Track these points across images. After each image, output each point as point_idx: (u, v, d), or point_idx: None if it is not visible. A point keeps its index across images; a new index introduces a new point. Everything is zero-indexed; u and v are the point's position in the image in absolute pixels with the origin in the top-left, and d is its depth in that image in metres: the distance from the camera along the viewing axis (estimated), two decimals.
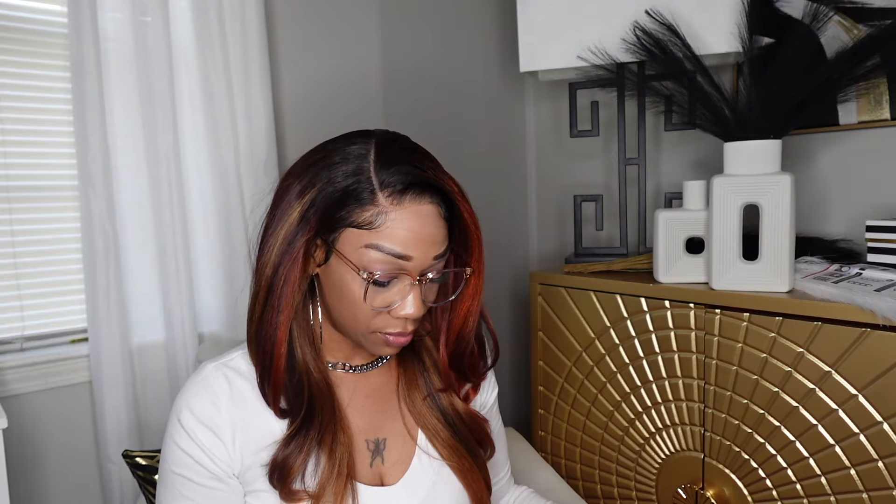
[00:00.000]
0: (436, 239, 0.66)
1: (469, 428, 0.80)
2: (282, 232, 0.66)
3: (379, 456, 0.76)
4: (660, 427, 1.23)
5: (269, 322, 0.68)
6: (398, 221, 0.64)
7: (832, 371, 0.97)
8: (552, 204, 1.96)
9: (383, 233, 0.64)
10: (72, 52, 1.17)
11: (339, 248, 0.66)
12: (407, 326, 0.69)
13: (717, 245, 1.11)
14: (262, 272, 0.68)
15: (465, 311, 0.75)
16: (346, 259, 0.65)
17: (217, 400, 0.70)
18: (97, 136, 1.19)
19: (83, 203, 1.19)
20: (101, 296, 1.21)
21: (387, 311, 0.67)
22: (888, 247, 1.09)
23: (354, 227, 0.64)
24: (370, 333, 0.69)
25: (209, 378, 0.71)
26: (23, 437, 1.20)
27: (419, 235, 0.65)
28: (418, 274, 0.66)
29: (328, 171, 0.65)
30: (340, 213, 0.64)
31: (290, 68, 1.50)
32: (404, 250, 0.64)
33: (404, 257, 0.64)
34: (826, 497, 1.00)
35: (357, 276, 0.65)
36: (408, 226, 0.64)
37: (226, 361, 0.73)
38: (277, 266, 0.66)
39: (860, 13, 1.21)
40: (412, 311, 0.67)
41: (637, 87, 1.36)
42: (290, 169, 0.70)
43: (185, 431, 0.69)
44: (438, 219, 0.67)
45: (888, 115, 1.21)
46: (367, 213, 0.64)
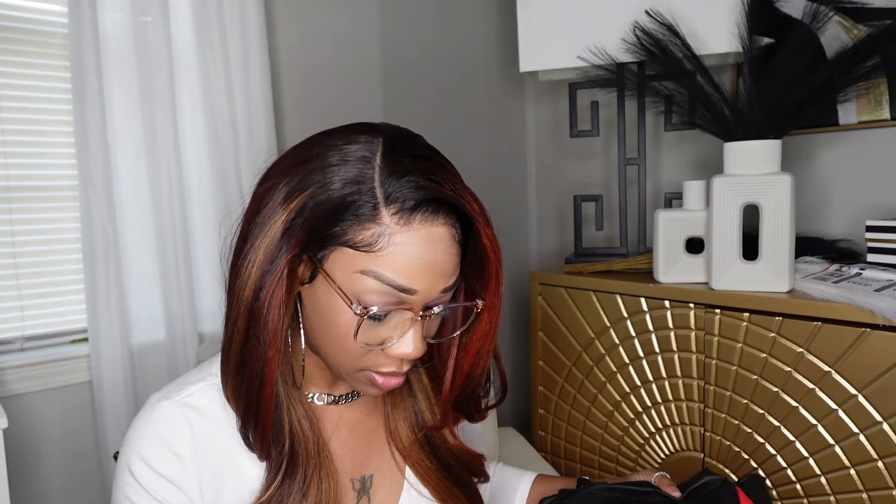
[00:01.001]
0: (446, 269, 0.55)
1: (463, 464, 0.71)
2: (262, 245, 0.54)
3: (365, 495, 0.67)
4: (660, 427, 1.23)
5: (255, 357, 0.55)
6: (404, 246, 0.52)
7: (832, 371, 0.97)
8: (552, 204, 1.96)
9: (384, 258, 0.52)
10: (72, 52, 1.17)
11: (327, 270, 0.54)
12: (402, 367, 0.58)
13: (716, 245, 1.11)
14: (239, 294, 0.55)
15: (476, 350, 0.63)
16: (335, 285, 0.53)
17: (178, 449, 0.59)
18: (97, 136, 1.19)
19: (83, 203, 1.19)
20: (101, 296, 1.21)
21: (380, 348, 0.56)
22: (888, 247, 1.09)
23: (349, 247, 0.52)
24: (357, 372, 0.58)
25: (165, 421, 0.59)
26: (23, 437, 1.20)
27: (427, 265, 0.53)
28: (421, 309, 0.55)
29: (322, 174, 0.53)
30: (334, 228, 0.52)
31: (290, 68, 1.50)
32: (408, 283, 0.53)
33: (408, 290, 0.53)
34: (826, 497, 1.00)
35: (347, 308, 0.54)
36: (415, 252, 0.52)
37: (183, 399, 0.61)
38: (259, 289, 0.54)
39: (860, 13, 1.21)
40: (411, 351, 0.55)
41: (637, 87, 1.36)
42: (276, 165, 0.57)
43: (138, 484, 0.58)
44: (452, 244, 0.55)
45: (888, 115, 1.21)
46: (368, 233, 0.52)
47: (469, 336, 0.62)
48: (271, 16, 1.45)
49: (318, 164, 0.54)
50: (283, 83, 1.48)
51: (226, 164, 1.34)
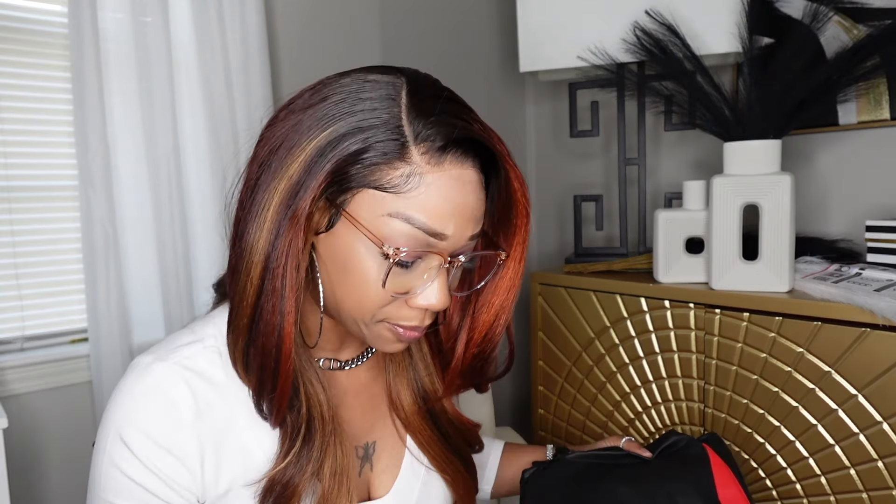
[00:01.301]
0: (475, 213, 0.53)
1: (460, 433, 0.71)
2: (278, 188, 0.50)
3: (368, 462, 0.66)
4: (660, 427, 1.23)
5: (271, 312, 0.51)
6: (435, 187, 0.50)
7: (832, 371, 0.97)
8: (552, 204, 1.96)
9: (415, 200, 0.49)
10: (72, 52, 1.17)
11: (351, 213, 0.51)
12: (424, 319, 0.55)
13: (716, 245, 1.11)
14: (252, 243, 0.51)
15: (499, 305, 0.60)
16: (362, 227, 0.50)
17: (179, 415, 0.54)
18: (97, 136, 1.19)
19: (83, 203, 1.19)
20: (101, 296, 1.21)
21: (403, 300, 0.53)
22: (888, 247, 1.09)
23: (375, 189, 0.49)
24: (375, 323, 0.55)
25: (163, 385, 0.54)
26: (23, 437, 1.20)
27: (458, 208, 0.51)
28: (449, 255, 0.53)
29: (344, 112, 0.50)
30: (358, 167, 0.49)
31: (290, 68, 1.50)
32: (440, 226, 0.50)
33: (438, 235, 0.51)
34: (826, 497, 1.00)
35: (375, 251, 0.51)
36: (446, 194, 0.50)
37: (181, 360, 0.55)
38: (276, 236, 0.50)
39: (860, 13, 1.21)
40: (436, 302, 0.53)
41: (637, 87, 1.36)
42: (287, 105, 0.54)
43: (133, 456, 0.53)
44: (480, 188, 0.53)
45: (888, 115, 1.21)
46: (396, 173, 0.49)
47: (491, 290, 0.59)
48: (271, 16, 1.45)
49: (337, 102, 0.51)
50: (283, 84, 1.48)
51: (226, 164, 1.34)
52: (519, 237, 0.58)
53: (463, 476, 0.70)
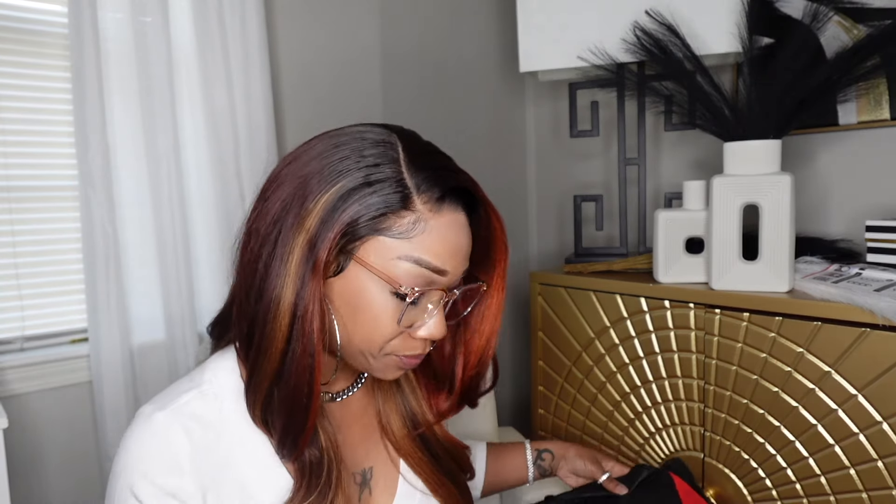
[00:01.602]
0: (467, 251, 0.60)
1: (451, 456, 0.74)
2: (298, 239, 0.54)
3: (367, 487, 0.69)
4: (659, 427, 1.23)
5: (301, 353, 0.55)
6: (436, 231, 0.56)
7: (832, 371, 0.97)
8: (552, 204, 1.96)
9: (421, 243, 0.56)
10: (72, 52, 1.17)
11: (362, 258, 0.56)
12: (425, 348, 0.61)
13: (716, 245, 1.11)
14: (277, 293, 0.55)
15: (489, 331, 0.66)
16: (376, 271, 0.55)
17: (179, 461, 0.58)
18: (97, 136, 1.19)
19: (83, 203, 1.19)
20: (101, 296, 1.21)
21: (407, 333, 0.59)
22: (888, 247, 1.09)
23: (385, 236, 0.55)
24: (383, 356, 0.60)
25: (164, 433, 0.58)
26: (23, 437, 1.20)
27: (455, 247, 0.58)
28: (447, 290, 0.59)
29: (349, 169, 0.55)
30: (369, 218, 0.55)
31: (290, 68, 1.50)
32: (442, 264, 0.57)
33: (441, 272, 0.57)
34: (826, 497, 1.00)
35: (386, 291, 0.56)
36: (445, 236, 0.57)
37: (179, 408, 0.59)
38: (301, 284, 0.54)
39: (860, 13, 1.21)
40: (438, 333, 0.59)
41: (637, 87, 1.36)
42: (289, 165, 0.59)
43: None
44: (469, 229, 0.61)
45: (888, 115, 1.21)
46: (404, 221, 0.55)
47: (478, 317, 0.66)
48: (271, 15, 1.45)
49: (342, 159, 0.56)
50: (283, 83, 1.48)
51: (226, 164, 1.34)
52: (499, 269, 0.64)
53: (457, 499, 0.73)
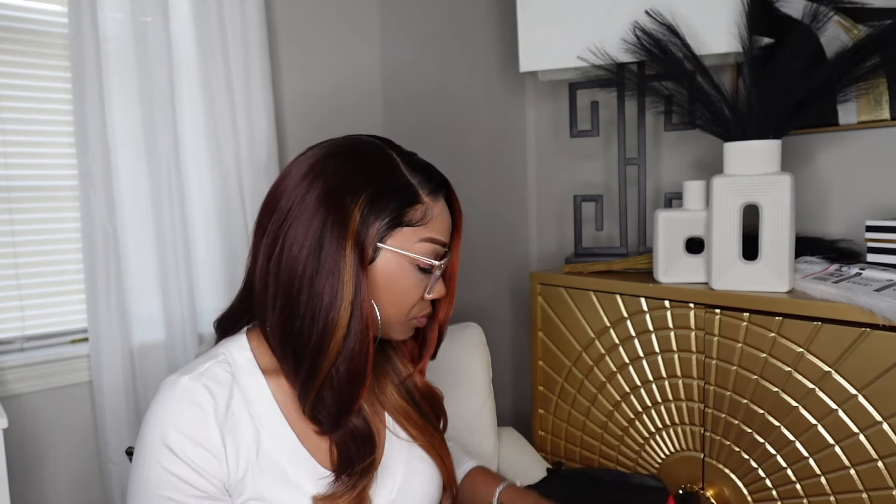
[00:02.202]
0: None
1: (430, 404, 0.85)
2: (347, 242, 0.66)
3: None
4: (660, 427, 1.23)
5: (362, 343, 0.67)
6: (438, 215, 0.73)
7: (832, 371, 0.97)
8: (552, 204, 1.96)
9: (433, 226, 0.71)
10: (72, 52, 1.17)
11: (392, 247, 0.70)
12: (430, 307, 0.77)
13: (716, 245, 1.11)
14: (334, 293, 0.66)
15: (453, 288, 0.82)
16: (407, 255, 0.70)
17: (204, 413, 0.67)
18: (97, 136, 1.19)
19: (83, 203, 1.19)
20: (101, 296, 1.21)
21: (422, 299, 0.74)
22: (888, 247, 1.09)
23: (407, 226, 0.70)
24: (407, 322, 0.75)
25: (189, 391, 0.67)
26: (23, 437, 1.20)
27: (448, 224, 0.75)
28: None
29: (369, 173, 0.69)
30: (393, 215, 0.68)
31: (290, 68, 1.50)
32: (445, 238, 0.74)
33: (446, 244, 0.74)
34: (826, 497, 1.00)
35: (414, 268, 0.71)
36: (443, 217, 0.73)
37: (201, 373, 0.69)
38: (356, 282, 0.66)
39: (860, 13, 1.21)
40: (441, 293, 0.76)
41: (637, 87, 1.36)
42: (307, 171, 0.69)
43: (173, 454, 0.65)
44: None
45: (888, 115, 1.21)
46: (418, 212, 0.70)
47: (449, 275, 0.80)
48: (271, 15, 1.45)
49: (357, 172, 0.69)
50: (282, 81, 1.48)
51: (226, 164, 1.34)
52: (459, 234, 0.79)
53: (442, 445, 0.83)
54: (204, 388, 0.68)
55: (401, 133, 1.68)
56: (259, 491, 0.68)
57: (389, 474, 0.78)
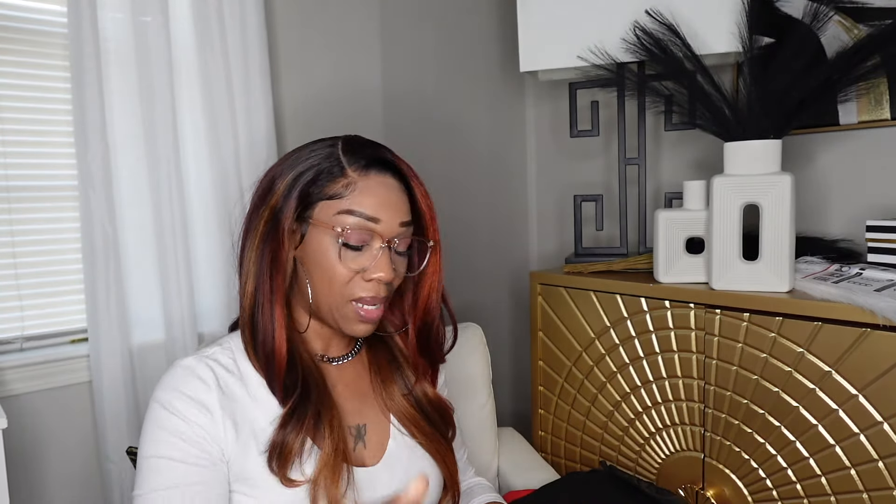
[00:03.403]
0: (400, 207, 0.75)
1: (439, 413, 0.86)
2: (263, 219, 0.74)
3: (361, 440, 0.80)
4: (660, 427, 1.23)
5: (265, 309, 0.73)
6: (366, 190, 0.73)
7: (832, 371, 0.97)
8: (552, 204, 1.96)
9: (354, 199, 0.72)
10: (72, 52, 1.17)
11: (315, 219, 0.73)
12: (379, 291, 0.74)
13: (717, 245, 1.11)
14: (248, 260, 0.74)
15: (429, 286, 0.82)
16: (323, 225, 0.72)
17: (206, 384, 0.71)
18: (97, 136, 1.19)
19: (83, 203, 1.19)
20: (101, 296, 1.21)
21: (361, 276, 0.73)
22: (888, 247, 1.09)
23: (329, 199, 0.72)
24: (345, 304, 0.74)
25: (193, 367, 0.73)
26: (23, 437, 1.20)
27: (385, 201, 0.73)
28: (387, 238, 0.74)
29: (303, 161, 0.74)
30: (314, 189, 0.73)
31: (290, 68, 1.50)
32: (373, 213, 0.72)
33: (374, 219, 0.72)
34: (826, 497, 0.99)
35: (334, 240, 0.72)
36: (375, 192, 0.73)
37: (207, 355, 0.75)
38: (263, 249, 0.73)
39: (860, 13, 1.21)
40: (383, 274, 0.72)
41: (637, 87, 1.36)
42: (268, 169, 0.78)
43: (173, 414, 0.69)
44: (401, 190, 0.76)
45: (888, 115, 1.21)
46: (339, 185, 0.72)
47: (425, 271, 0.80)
48: (271, 16, 1.45)
49: (297, 157, 0.76)
50: (282, 81, 1.48)
51: (226, 164, 1.34)
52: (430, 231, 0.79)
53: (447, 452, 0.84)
54: (207, 366, 0.73)
55: (401, 133, 1.68)
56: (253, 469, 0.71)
57: (392, 469, 0.79)
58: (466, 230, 1.86)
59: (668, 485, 1.22)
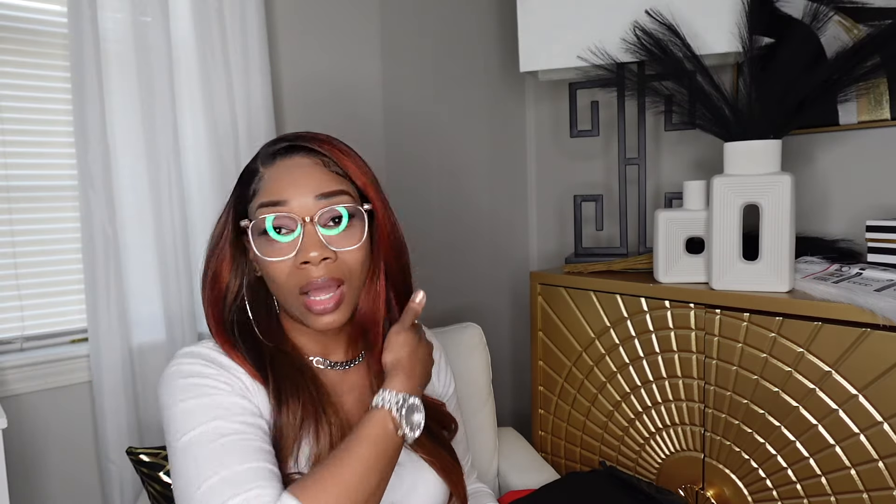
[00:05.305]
0: (311, 181, 0.71)
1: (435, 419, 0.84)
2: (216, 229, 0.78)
3: None
4: (660, 427, 1.23)
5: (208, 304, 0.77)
6: (271, 178, 0.72)
7: (832, 371, 0.97)
8: (552, 204, 1.96)
9: (264, 191, 0.72)
10: (72, 52, 1.17)
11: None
12: (313, 274, 0.70)
13: (717, 245, 1.11)
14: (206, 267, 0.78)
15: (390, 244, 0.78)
16: (249, 225, 0.72)
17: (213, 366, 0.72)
18: (97, 136, 1.18)
19: (83, 203, 1.19)
20: (101, 296, 1.21)
21: (295, 265, 0.71)
22: (888, 247, 1.09)
23: (250, 203, 0.73)
24: (297, 299, 0.72)
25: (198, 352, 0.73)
26: (23, 437, 1.20)
27: (290, 181, 0.71)
28: (305, 216, 0.70)
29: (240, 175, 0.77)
30: (241, 198, 0.75)
31: (290, 67, 1.50)
32: (278, 196, 0.71)
33: (279, 202, 0.70)
34: (826, 497, 1.00)
35: (257, 237, 0.72)
36: (278, 176, 0.72)
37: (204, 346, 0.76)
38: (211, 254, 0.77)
39: (860, 13, 1.21)
40: (313, 253, 0.69)
41: (637, 87, 1.36)
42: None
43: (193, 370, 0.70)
44: (315, 167, 0.73)
45: (888, 115, 1.21)
46: (252, 184, 0.74)
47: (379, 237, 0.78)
48: (271, 14, 1.45)
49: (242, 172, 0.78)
50: (283, 81, 1.48)
51: (226, 165, 1.33)
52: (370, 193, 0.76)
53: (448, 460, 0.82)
54: (210, 350, 0.74)
55: (400, 132, 1.68)
56: None
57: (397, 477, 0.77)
58: (466, 230, 1.86)
59: (668, 485, 1.22)
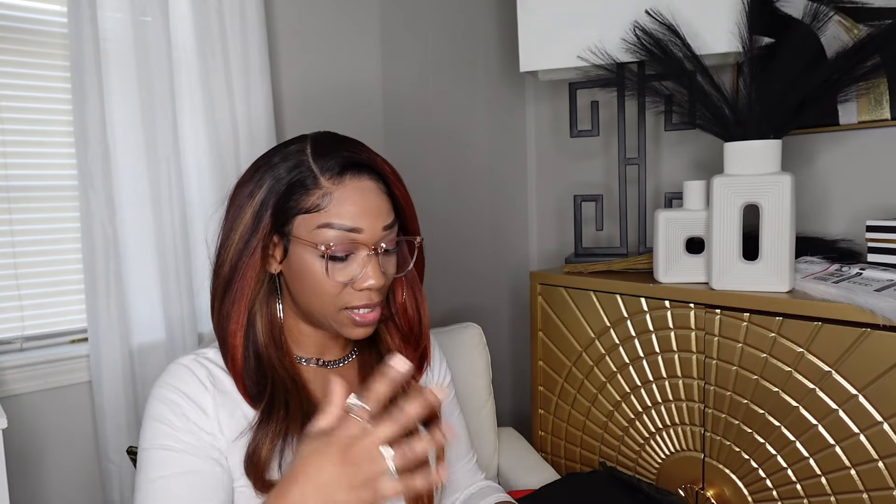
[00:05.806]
0: (381, 210, 0.72)
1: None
2: (237, 234, 0.72)
3: None
4: (660, 427, 1.23)
5: (227, 313, 0.73)
6: (343, 199, 0.70)
7: (832, 371, 0.97)
8: (552, 204, 1.96)
9: (332, 211, 0.69)
10: (72, 52, 1.17)
11: (295, 235, 0.71)
12: (372, 298, 0.72)
13: (717, 245, 1.11)
14: (220, 272, 0.74)
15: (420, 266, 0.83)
16: (303, 241, 0.70)
17: (200, 382, 0.72)
18: (97, 136, 1.19)
19: (83, 203, 1.19)
20: (101, 296, 1.21)
21: (350, 286, 0.71)
22: (888, 247, 1.09)
23: (305, 213, 0.70)
24: (338, 312, 0.72)
25: (189, 365, 0.74)
26: (23, 437, 1.20)
27: (364, 208, 0.70)
28: (373, 245, 0.71)
29: (272, 171, 0.72)
30: (290, 203, 0.70)
31: (290, 68, 1.50)
32: (353, 223, 0.69)
33: (355, 230, 0.70)
34: (826, 497, 1.00)
35: (317, 255, 0.70)
36: (352, 200, 0.70)
37: (201, 354, 0.76)
38: (236, 263, 0.72)
39: (860, 13, 1.21)
40: (373, 281, 0.71)
41: (637, 87, 1.36)
42: (239, 179, 0.76)
43: (169, 409, 0.70)
44: (380, 193, 0.73)
45: (888, 115, 1.21)
46: (314, 198, 0.69)
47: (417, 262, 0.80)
48: (271, 14, 1.45)
49: (267, 167, 0.73)
50: (282, 81, 1.48)
51: (226, 165, 1.34)
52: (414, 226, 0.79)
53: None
54: (202, 366, 0.74)
55: (400, 132, 1.68)
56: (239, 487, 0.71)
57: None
58: (466, 230, 1.86)
59: (668, 485, 1.22)
